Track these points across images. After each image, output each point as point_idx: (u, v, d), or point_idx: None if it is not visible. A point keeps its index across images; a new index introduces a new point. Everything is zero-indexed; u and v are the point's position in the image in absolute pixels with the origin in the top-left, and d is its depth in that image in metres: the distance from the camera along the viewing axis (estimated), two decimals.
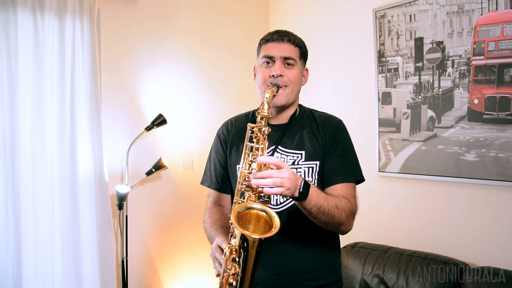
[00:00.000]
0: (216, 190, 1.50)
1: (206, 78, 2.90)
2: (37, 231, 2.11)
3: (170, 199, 2.74)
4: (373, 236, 2.44)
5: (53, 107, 2.16)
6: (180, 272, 2.76)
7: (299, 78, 1.39)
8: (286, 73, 1.34)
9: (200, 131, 2.83)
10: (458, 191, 2.12)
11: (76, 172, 2.22)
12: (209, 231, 1.40)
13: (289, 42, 1.36)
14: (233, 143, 1.45)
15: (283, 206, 1.35)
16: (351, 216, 1.29)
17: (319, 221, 1.22)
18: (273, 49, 1.35)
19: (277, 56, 1.34)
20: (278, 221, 1.07)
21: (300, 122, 1.42)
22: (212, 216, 1.45)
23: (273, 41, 1.36)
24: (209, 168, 1.52)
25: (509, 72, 1.92)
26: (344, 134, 1.40)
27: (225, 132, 1.50)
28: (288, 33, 1.39)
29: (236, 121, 1.51)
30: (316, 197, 1.17)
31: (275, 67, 1.33)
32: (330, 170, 1.34)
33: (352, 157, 1.38)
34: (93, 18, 2.25)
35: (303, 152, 1.35)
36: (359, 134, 2.58)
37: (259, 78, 1.39)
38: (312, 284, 1.35)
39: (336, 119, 1.43)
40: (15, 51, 2.05)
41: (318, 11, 2.87)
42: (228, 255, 1.10)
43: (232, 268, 1.09)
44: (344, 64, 2.71)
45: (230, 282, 1.09)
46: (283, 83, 1.33)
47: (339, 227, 1.27)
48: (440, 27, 2.17)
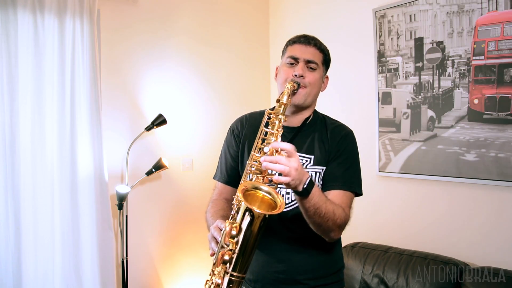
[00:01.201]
0: (224, 182, 1.49)
1: (206, 78, 2.90)
2: (37, 231, 2.11)
3: (170, 199, 2.74)
4: (373, 236, 2.44)
5: (53, 107, 2.16)
6: (180, 272, 2.76)
7: (319, 82, 1.41)
8: (307, 74, 1.37)
9: (200, 131, 2.83)
10: (458, 191, 2.12)
11: (76, 172, 2.22)
12: (209, 220, 1.38)
13: (315, 46, 1.40)
14: (246, 138, 1.46)
15: (289, 207, 1.36)
16: (342, 226, 1.29)
17: (312, 222, 1.22)
18: (298, 50, 1.39)
19: (301, 58, 1.38)
20: (283, 200, 1.08)
21: (313, 127, 1.43)
22: (215, 206, 1.44)
23: (300, 43, 1.40)
24: (220, 162, 1.53)
25: (509, 72, 1.92)
26: (351, 144, 1.41)
27: (239, 127, 1.50)
28: (315, 38, 1.43)
29: (251, 117, 1.52)
30: (317, 198, 1.17)
31: (298, 67, 1.37)
32: (328, 176, 1.35)
33: (353, 168, 1.38)
34: (93, 18, 2.25)
35: (312, 157, 1.37)
36: (359, 134, 2.56)
37: (281, 76, 1.41)
38: (311, 283, 1.36)
39: (347, 128, 1.45)
40: (15, 51, 2.06)
41: (318, 11, 2.87)
42: (228, 231, 1.08)
43: (229, 245, 1.08)
44: (344, 64, 2.70)
45: (225, 258, 1.08)
46: (303, 83, 1.36)
47: (328, 233, 1.27)
48: (440, 27, 2.17)
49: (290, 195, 1.36)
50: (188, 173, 2.80)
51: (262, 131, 1.24)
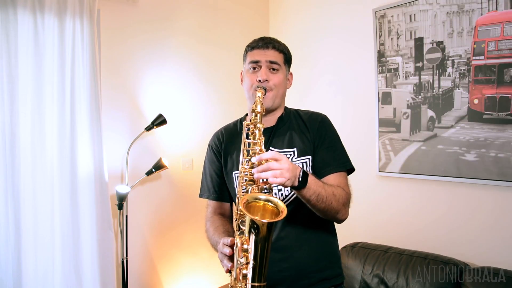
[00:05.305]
0: (214, 199, 1.54)
1: (206, 78, 2.90)
2: (37, 231, 2.11)
3: (170, 199, 2.74)
4: (373, 236, 2.44)
5: (53, 107, 2.16)
6: (180, 272, 2.76)
7: (283, 82, 1.44)
8: (271, 77, 1.40)
9: (200, 131, 2.83)
10: (458, 191, 2.12)
11: (76, 172, 2.22)
12: (212, 238, 1.42)
13: (274, 49, 1.42)
14: (226, 152, 1.50)
15: (285, 202, 1.37)
16: (347, 204, 1.34)
17: (318, 209, 1.26)
18: (258, 55, 1.41)
19: (262, 60, 1.40)
20: (284, 206, 1.11)
21: (288, 122, 1.46)
22: (214, 223, 1.47)
23: (259, 48, 1.42)
24: (205, 180, 1.56)
25: (509, 72, 1.92)
26: (330, 127, 1.45)
27: (217, 143, 1.54)
28: (272, 40, 1.45)
29: (226, 131, 1.56)
30: (315, 185, 1.21)
31: (261, 72, 1.39)
32: (321, 162, 1.38)
33: (339, 148, 1.43)
34: (93, 18, 2.25)
35: (295, 149, 1.40)
36: (359, 134, 2.58)
37: (246, 82, 1.44)
38: (317, 276, 1.37)
39: (321, 114, 1.49)
40: (15, 51, 2.05)
41: (318, 11, 2.87)
42: (240, 247, 1.13)
43: (243, 258, 1.12)
44: (344, 64, 2.71)
45: (244, 273, 1.12)
46: (268, 87, 1.39)
47: (336, 215, 1.31)
48: (440, 27, 2.17)
49: (283, 191, 1.39)
50: (188, 173, 2.80)
51: (245, 143, 1.27)
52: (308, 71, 2.87)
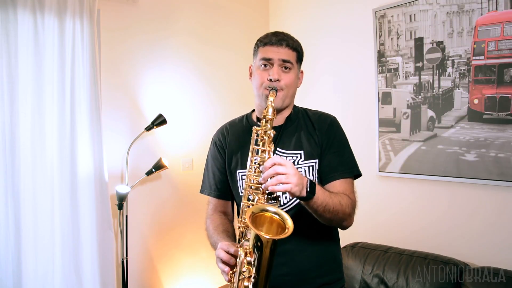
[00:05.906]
0: (216, 197, 1.51)
1: (206, 78, 2.90)
2: (37, 231, 2.11)
3: (170, 199, 2.74)
4: (373, 236, 2.44)
5: (53, 107, 2.16)
6: (180, 272, 2.76)
7: (295, 81, 1.40)
8: (283, 77, 1.35)
9: (200, 131, 2.83)
10: (458, 191, 2.12)
11: (76, 172, 2.22)
12: (211, 237, 1.40)
13: (288, 47, 1.36)
14: (231, 149, 1.46)
15: (287, 207, 1.35)
16: (352, 212, 1.31)
17: (324, 219, 1.24)
18: (271, 52, 1.35)
19: (275, 59, 1.35)
20: (292, 223, 1.07)
21: (296, 122, 1.43)
22: (214, 222, 1.45)
23: (272, 45, 1.36)
24: (208, 176, 1.52)
25: (509, 72, 1.92)
26: (339, 130, 1.42)
27: (221, 139, 1.50)
28: (286, 36, 1.39)
29: (231, 127, 1.51)
30: (322, 196, 1.18)
31: (273, 71, 1.34)
32: (327, 167, 1.35)
33: (348, 153, 1.39)
34: (93, 18, 2.25)
35: (301, 152, 1.37)
36: (359, 134, 2.58)
37: (256, 80, 1.39)
38: (318, 281, 1.36)
39: (330, 116, 1.44)
40: (15, 51, 2.05)
41: (318, 11, 2.87)
42: (243, 258, 1.10)
43: (246, 271, 1.10)
44: (344, 64, 2.71)
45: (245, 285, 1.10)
46: (279, 87, 1.34)
47: (341, 223, 1.30)
48: (440, 27, 2.17)
49: (287, 194, 1.35)
50: (188, 173, 2.80)
51: (254, 149, 1.24)
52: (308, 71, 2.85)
